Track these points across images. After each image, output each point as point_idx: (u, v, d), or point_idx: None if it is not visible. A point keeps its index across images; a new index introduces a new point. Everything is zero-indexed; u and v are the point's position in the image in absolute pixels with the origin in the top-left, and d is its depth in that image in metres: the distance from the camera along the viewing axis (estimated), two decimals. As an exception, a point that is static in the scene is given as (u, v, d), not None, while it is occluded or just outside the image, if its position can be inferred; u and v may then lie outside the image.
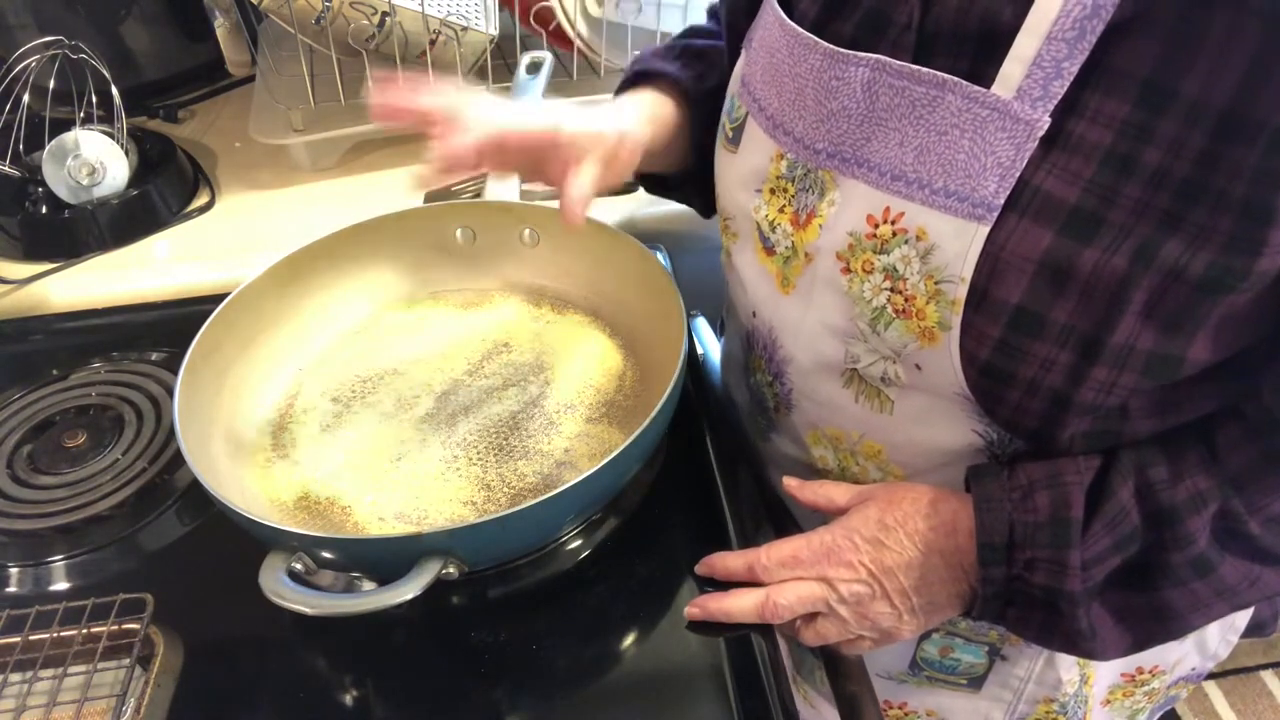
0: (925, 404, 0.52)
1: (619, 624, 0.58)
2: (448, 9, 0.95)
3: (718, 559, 0.57)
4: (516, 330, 0.75)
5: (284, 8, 0.91)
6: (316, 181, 1.03)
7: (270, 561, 0.50)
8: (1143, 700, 0.71)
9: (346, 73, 0.99)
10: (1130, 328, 0.43)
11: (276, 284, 0.71)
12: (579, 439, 0.65)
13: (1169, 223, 0.41)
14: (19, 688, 0.53)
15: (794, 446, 0.64)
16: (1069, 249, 0.43)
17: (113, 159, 0.93)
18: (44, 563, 0.63)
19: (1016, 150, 0.43)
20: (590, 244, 0.75)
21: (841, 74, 0.49)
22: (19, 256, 0.92)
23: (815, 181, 0.52)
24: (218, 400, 0.65)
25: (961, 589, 0.52)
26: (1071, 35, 0.41)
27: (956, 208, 0.45)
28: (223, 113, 1.18)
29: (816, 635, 0.54)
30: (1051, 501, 0.48)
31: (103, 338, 0.83)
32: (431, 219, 0.78)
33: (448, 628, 0.57)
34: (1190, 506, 0.46)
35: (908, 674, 0.70)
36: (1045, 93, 0.42)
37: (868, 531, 0.52)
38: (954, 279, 0.46)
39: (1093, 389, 0.45)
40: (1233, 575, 0.47)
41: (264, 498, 0.62)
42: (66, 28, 1.01)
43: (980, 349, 0.47)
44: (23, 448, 0.71)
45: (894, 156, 0.48)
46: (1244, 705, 1.59)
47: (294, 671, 0.56)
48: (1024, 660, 0.65)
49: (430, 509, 0.60)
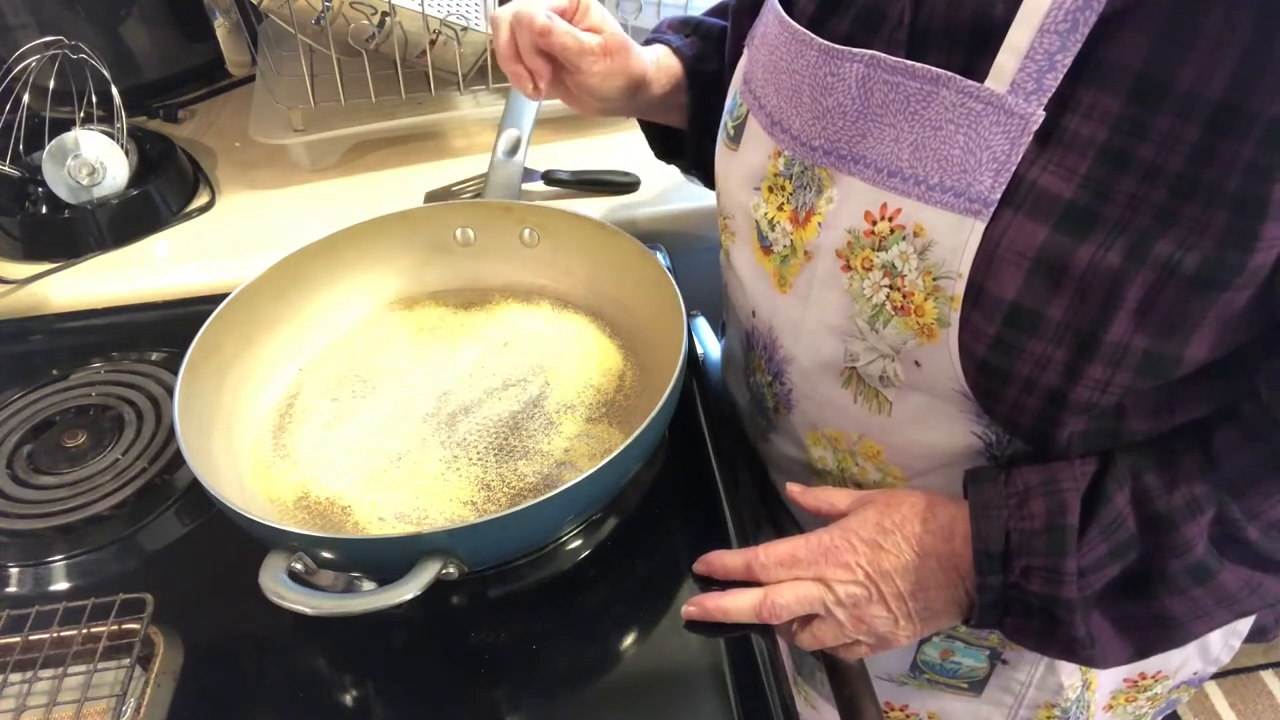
0: (924, 404, 0.52)
1: (619, 624, 0.58)
2: (448, 9, 0.95)
3: (716, 557, 0.57)
4: (516, 330, 0.75)
5: (284, 8, 0.91)
6: (316, 181, 1.03)
7: (270, 561, 0.50)
8: (1145, 705, 0.71)
9: (346, 73, 0.99)
10: (1125, 325, 0.43)
11: (276, 284, 0.71)
12: (579, 439, 0.65)
13: (1163, 218, 0.41)
14: (19, 688, 0.53)
15: (793, 447, 0.64)
16: (1064, 245, 0.43)
17: (113, 159, 0.93)
18: (44, 563, 0.63)
19: (1011, 144, 0.43)
20: (590, 244, 0.75)
21: (837, 70, 0.49)
22: (19, 256, 0.92)
23: (812, 179, 0.52)
24: (218, 400, 0.65)
25: (958, 595, 0.51)
26: (1064, 27, 0.41)
27: (953, 203, 0.45)
28: (223, 113, 1.18)
29: (813, 639, 0.54)
30: (1047, 508, 0.47)
31: (103, 338, 0.83)
32: (431, 219, 0.78)
33: (448, 628, 0.57)
34: (1186, 513, 0.46)
35: (909, 677, 0.70)
36: (1039, 86, 0.42)
37: (866, 534, 0.52)
38: (952, 275, 0.46)
39: (1088, 387, 0.45)
40: (1233, 582, 0.47)
41: (264, 498, 0.62)
42: (66, 28, 1.02)
43: (978, 345, 0.47)
44: (23, 448, 0.71)
45: (890, 153, 0.48)
46: (1244, 705, 1.59)
47: (294, 671, 0.56)
48: (1025, 664, 0.65)
49: (430, 509, 0.60)
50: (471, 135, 1.08)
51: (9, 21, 1.06)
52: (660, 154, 0.80)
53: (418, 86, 1.00)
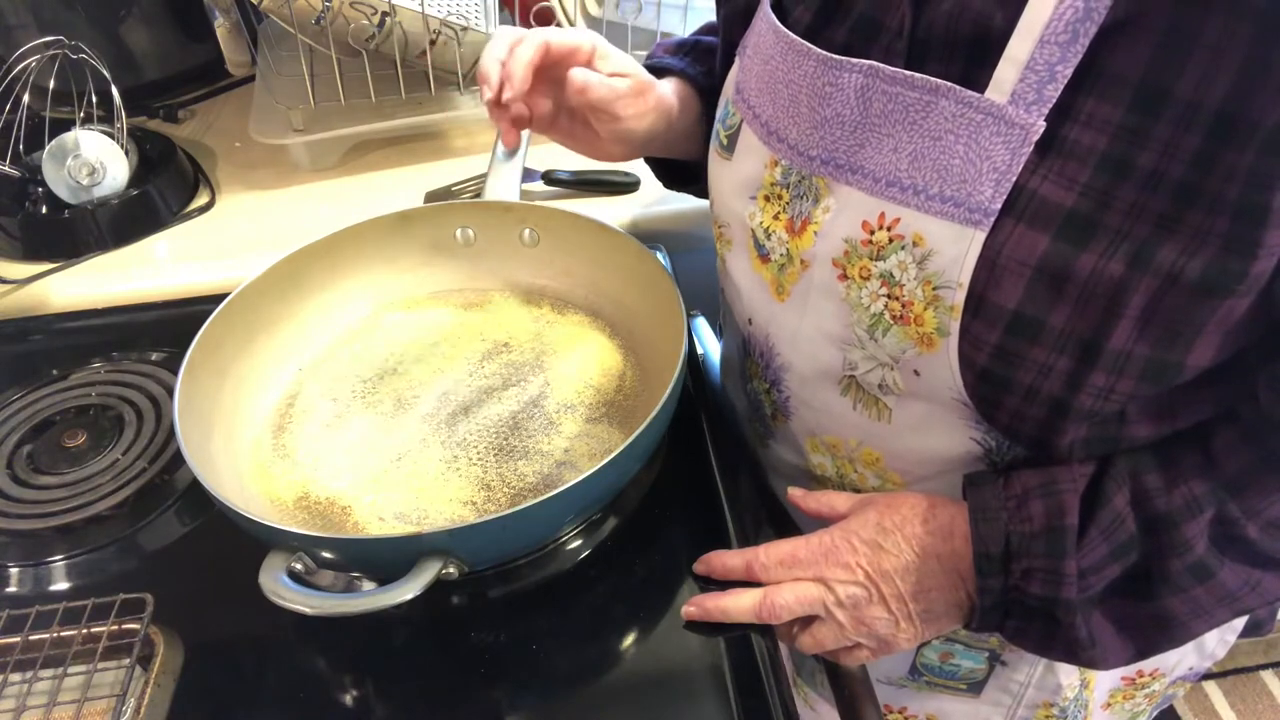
0: (923, 411, 0.52)
1: (619, 624, 0.58)
2: (448, 9, 0.95)
3: (716, 557, 0.57)
4: (516, 330, 0.75)
5: (284, 8, 0.91)
6: (316, 181, 1.03)
7: (270, 561, 0.50)
8: (1143, 702, 0.71)
9: (346, 73, 0.99)
10: (1128, 333, 0.43)
11: (276, 284, 0.71)
12: (579, 439, 0.65)
13: (1165, 226, 0.41)
14: (19, 688, 0.53)
15: (792, 453, 0.64)
16: (1066, 253, 0.42)
17: (113, 159, 0.93)
18: (44, 563, 0.63)
19: (1012, 155, 0.43)
20: (590, 244, 0.75)
21: (835, 80, 0.49)
22: (19, 256, 0.92)
23: (810, 188, 0.52)
24: (218, 400, 0.65)
25: (959, 597, 0.51)
26: (1064, 38, 0.41)
27: (953, 213, 0.45)
28: (223, 113, 1.18)
29: (814, 642, 0.54)
30: (1046, 510, 0.47)
31: (103, 338, 0.83)
32: (431, 219, 0.78)
33: (448, 628, 0.57)
34: (1186, 512, 0.46)
35: (908, 679, 0.70)
36: (1039, 96, 0.42)
37: (866, 534, 0.52)
38: (951, 284, 0.46)
39: (1091, 394, 0.45)
40: (1233, 581, 0.47)
41: (264, 498, 0.62)
42: (66, 28, 1.02)
43: (978, 354, 0.47)
44: (23, 448, 0.71)
45: (888, 163, 0.47)
46: (1244, 705, 1.59)
47: (294, 671, 0.56)
48: (1024, 665, 0.65)
49: (430, 509, 0.60)
50: (471, 135, 1.08)
51: (9, 21, 1.06)
52: (669, 184, 0.79)
53: (418, 86, 1.00)
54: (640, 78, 0.65)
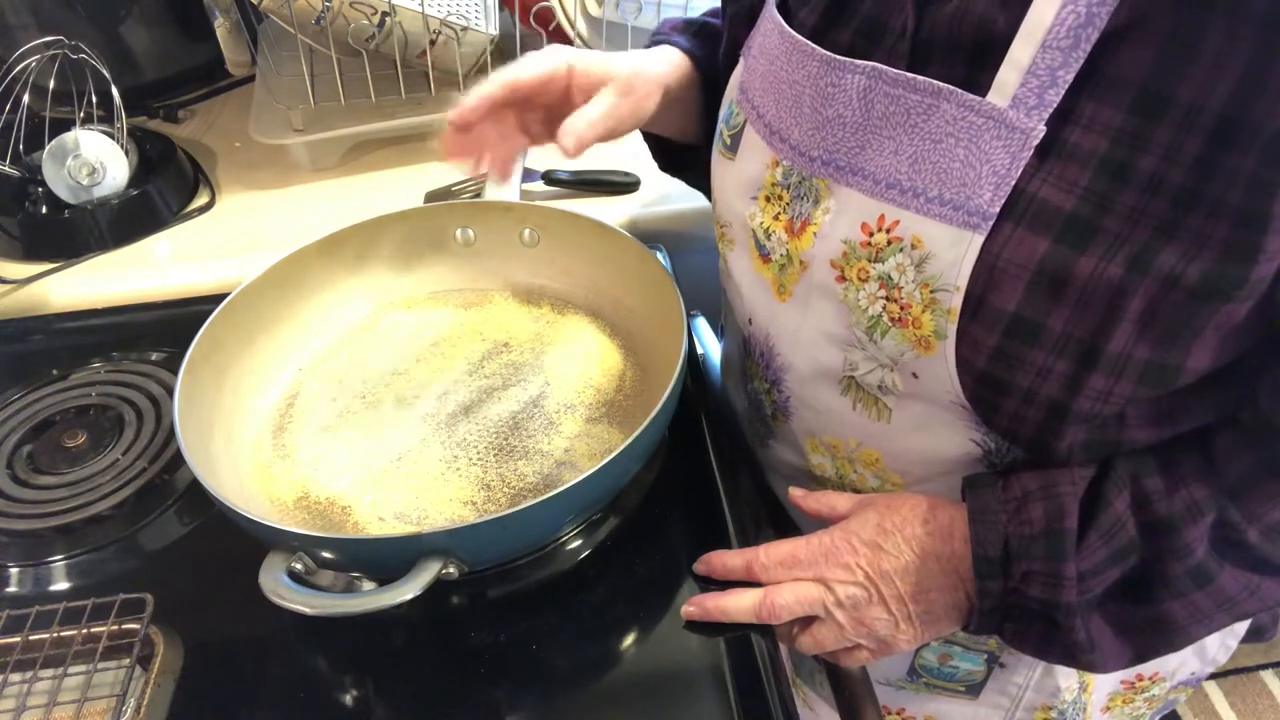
0: (923, 412, 0.52)
1: (619, 624, 0.58)
2: (448, 9, 0.95)
3: (716, 557, 0.57)
4: (516, 330, 0.75)
5: (284, 8, 0.91)
6: (316, 181, 1.03)
7: (270, 561, 0.50)
8: (1143, 706, 0.71)
9: (346, 73, 0.99)
10: (1127, 336, 0.43)
11: (276, 284, 0.71)
12: (579, 439, 0.65)
13: (1165, 230, 0.41)
14: (19, 688, 0.53)
15: (792, 453, 0.64)
16: (1065, 257, 0.42)
17: (113, 159, 0.93)
18: (44, 563, 0.63)
19: (1012, 159, 0.43)
20: (590, 244, 0.75)
21: (838, 81, 0.49)
22: (19, 256, 0.92)
23: (810, 189, 0.52)
24: (218, 400, 0.65)
25: (958, 599, 0.51)
26: (1066, 43, 0.41)
27: (951, 216, 0.45)
28: (223, 113, 1.18)
29: (814, 642, 0.54)
30: (1046, 513, 0.47)
31: (103, 338, 0.83)
32: (431, 219, 0.78)
33: (448, 628, 0.57)
34: (1187, 516, 0.46)
35: (906, 680, 0.70)
36: (1040, 101, 0.42)
37: (866, 535, 0.52)
38: (949, 288, 0.46)
39: (1090, 398, 0.45)
40: (1233, 585, 0.47)
41: (264, 498, 0.62)
42: (66, 28, 1.01)
43: (977, 357, 0.46)
44: (23, 448, 0.71)
45: (889, 165, 0.47)
46: (1244, 705, 1.59)
47: (294, 671, 0.56)
48: (1023, 668, 0.65)
49: (430, 509, 0.60)
50: (472, 135, 1.08)
51: (9, 21, 1.06)
52: (664, 166, 0.79)
53: (418, 86, 1.00)
54: (621, 75, 0.63)
